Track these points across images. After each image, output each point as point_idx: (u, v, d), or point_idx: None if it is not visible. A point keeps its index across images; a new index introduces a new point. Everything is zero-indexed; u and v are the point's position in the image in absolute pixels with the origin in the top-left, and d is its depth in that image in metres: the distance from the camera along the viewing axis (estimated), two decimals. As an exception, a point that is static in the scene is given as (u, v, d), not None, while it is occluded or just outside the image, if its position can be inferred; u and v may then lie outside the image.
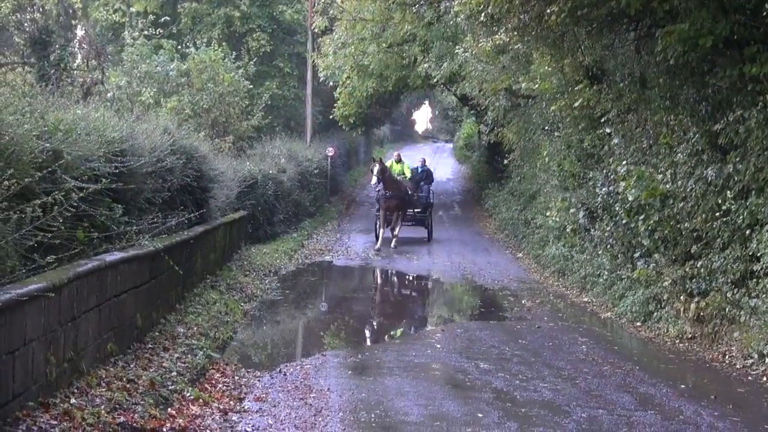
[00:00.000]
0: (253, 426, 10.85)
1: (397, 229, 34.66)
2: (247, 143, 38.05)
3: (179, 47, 41.28)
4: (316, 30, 46.27)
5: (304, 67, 50.43)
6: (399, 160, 37.68)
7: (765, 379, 14.52)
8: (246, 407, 11.86)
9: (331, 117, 48.73)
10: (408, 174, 37.02)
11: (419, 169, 38.65)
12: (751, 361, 15.33)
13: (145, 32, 37.93)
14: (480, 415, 11.62)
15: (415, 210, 37.02)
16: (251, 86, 40.26)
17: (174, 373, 12.85)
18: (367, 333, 18.86)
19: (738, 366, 15.43)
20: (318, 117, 52.24)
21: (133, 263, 13.79)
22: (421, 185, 37.82)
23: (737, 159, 17.63)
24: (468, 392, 13.12)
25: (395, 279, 28.05)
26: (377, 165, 34.16)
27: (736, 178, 17.63)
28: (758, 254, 16.41)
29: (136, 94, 34.02)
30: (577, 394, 12.99)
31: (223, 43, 41.09)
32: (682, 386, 13.87)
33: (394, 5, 37.44)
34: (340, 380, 13.70)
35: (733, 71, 17.94)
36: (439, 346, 16.83)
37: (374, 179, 34.11)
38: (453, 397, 12.77)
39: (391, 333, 18.83)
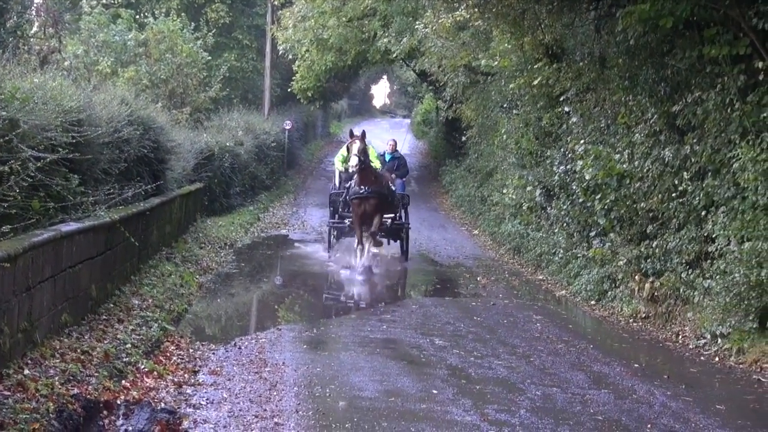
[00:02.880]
0: (207, 399, 10.80)
1: (368, 244, 23.50)
2: (205, 115, 37.82)
3: (137, 17, 40.93)
4: (276, 2, 46.10)
5: (263, 40, 50.12)
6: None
7: (717, 359, 14.62)
8: (200, 380, 11.80)
9: (289, 90, 48.54)
10: (376, 162, 25.11)
11: (388, 156, 27.22)
12: (703, 341, 15.43)
13: (103, 1, 37.56)
14: (435, 391, 11.62)
15: (388, 216, 25.18)
16: (209, 58, 40.04)
17: (128, 345, 12.76)
18: (323, 308, 18.81)
19: (691, 346, 15.53)
20: (276, 90, 51.99)
21: (88, 234, 13.66)
22: (392, 177, 26.27)
23: (694, 140, 17.71)
24: (423, 368, 13.12)
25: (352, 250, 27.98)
26: (357, 143, 23.24)
27: (693, 160, 17.71)
28: (713, 235, 16.51)
29: (93, 64, 33.65)
30: (531, 371, 13.03)
31: (182, 14, 40.81)
32: (636, 365, 13.94)
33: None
34: (296, 354, 13.66)
35: (692, 53, 18.00)
36: (394, 321, 16.82)
37: (352, 163, 23.17)
38: (408, 373, 12.76)
39: (347, 308, 18.78)
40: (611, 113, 21.54)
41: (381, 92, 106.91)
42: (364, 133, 24.09)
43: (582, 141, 21.60)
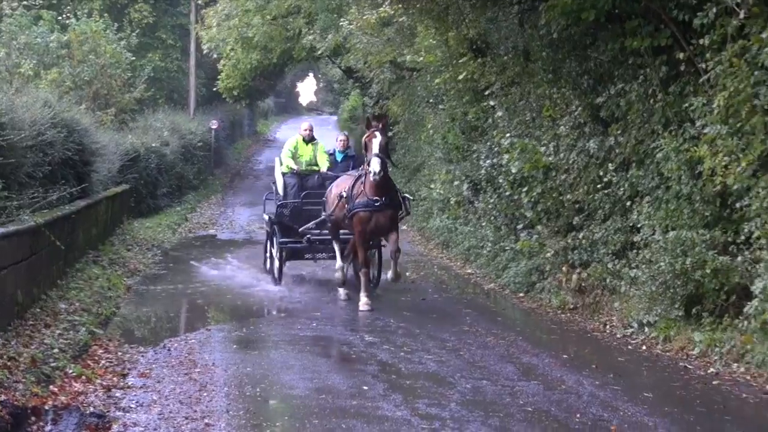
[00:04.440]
0: (137, 402, 10.69)
1: (373, 274, 19.53)
2: (130, 116, 37.42)
3: (60, 18, 40.39)
4: (199, 1, 45.81)
5: (188, 39, 49.84)
6: (311, 139, 21.39)
7: (644, 347, 14.76)
8: (130, 383, 11.68)
9: (214, 89, 48.36)
10: (323, 163, 21.03)
11: (340, 155, 22.00)
12: (630, 330, 15.56)
13: (25, 2, 37.06)
14: (365, 387, 11.60)
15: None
16: (133, 58, 39.61)
17: (56, 350, 12.59)
18: (253, 307, 18.71)
19: (618, 335, 15.66)
20: (202, 89, 51.71)
21: (13, 238, 13.47)
22: None
23: (618, 132, 17.88)
24: (353, 365, 13.11)
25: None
26: (378, 136, 17.84)
27: (617, 151, 17.89)
28: (638, 225, 16.68)
29: (15, 66, 33.19)
30: (461, 365, 13.05)
31: (105, 15, 40.28)
32: (564, 356, 14.03)
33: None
34: (225, 355, 13.58)
35: (614, 45, 18.16)
36: (324, 319, 16.78)
37: (374, 168, 17.45)
38: (338, 370, 12.75)
39: (277, 305, 18.70)
40: (536, 106, 21.68)
41: (307, 90, 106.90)
42: (386, 122, 19.06)
43: (508, 134, 21.72)
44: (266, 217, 22.35)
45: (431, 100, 31.23)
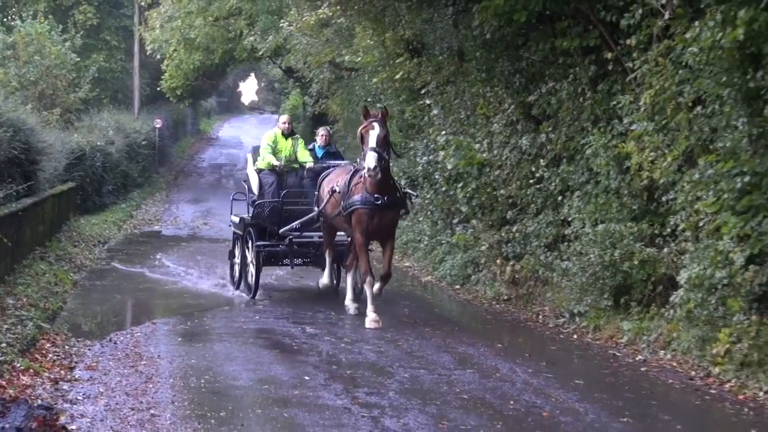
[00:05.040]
0: (84, 394, 10.60)
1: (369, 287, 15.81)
2: (75, 116, 37.13)
3: (5, 20, 39.99)
4: (142, 3, 45.47)
5: (131, 41, 49.42)
6: (290, 133, 19.08)
7: (575, 336, 14.87)
8: (77, 376, 11.57)
9: (158, 89, 48.11)
10: (307, 158, 18.74)
11: (320, 151, 19.68)
12: (562, 320, 15.68)
13: (-31, 5, 36.73)
14: (307, 377, 11.58)
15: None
16: (78, 59, 39.26)
17: (3, 345, 12.41)
18: (197, 300, 18.60)
19: (551, 325, 15.76)
20: (146, 89, 51.34)
21: (-41, 235, 13.32)
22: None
23: (549, 129, 18.00)
24: (295, 356, 13.08)
25: (225, 247, 27.73)
26: (376, 127, 15.82)
27: (548, 147, 18.02)
28: (569, 219, 16.80)
29: (-40, 67, 32.89)
30: (399, 355, 13.07)
31: (50, 16, 39.89)
32: (499, 345, 14.09)
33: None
34: (170, 347, 13.49)
35: (545, 45, 18.29)
36: (267, 311, 16.73)
37: (369, 164, 15.28)
38: (281, 361, 12.71)
39: (221, 299, 18.60)
40: (470, 105, 21.77)
41: (249, 89, 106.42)
42: (386, 112, 16.86)
43: (443, 132, 21.78)
44: (235, 218, 19.74)
45: (369, 99, 31.16)
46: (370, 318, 15.24)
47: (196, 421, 9.42)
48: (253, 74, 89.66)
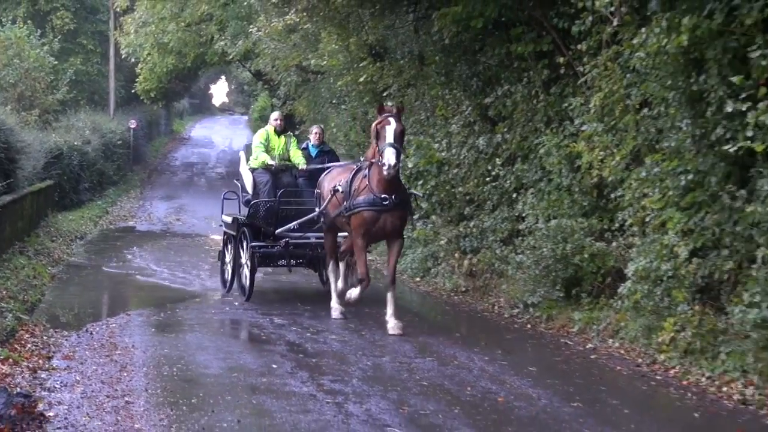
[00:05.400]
0: (61, 382, 10.51)
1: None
2: (53, 116, 36.80)
3: (-15, 26, 39.67)
4: (118, 9, 45.18)
5: (107, 45, 49.07)
6: (283, 131, 17.75)
7: (529, 326, 14.91)
8: (54, 365, 11.47)
9: (133, 91, 47.76)
10: (299, 158, 17.28)
11: (314, 150, 17.84)
12: (517, 310, 15.71)
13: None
14: (274, 366, 11.55)
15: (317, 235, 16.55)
16: (56, 62, 38.97)
17: (-17, 335, 12.34)
18: (170, 293, 18.50)
19: (506, 315, 15.79)
20: (121, 91, 50.97)
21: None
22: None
23: (505, 129, 18.10)
24: (263, 345, 13.04)
25: (196, 242, 27.65)
26: (393, 122, 13.95)
27: (504, 147, 18.10)
28: (523, 215, 16.88)
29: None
30: (362, 344, 13.05)
31: (28, 21, 39.53)
32: (457, 335, 14.10)
33: (192, -14, 36.85)
34: (144, 337, 13.40)
35: (501, 50, 18.36)
36: (236, 303, 16.65)
37: (389, 161, 13.64)
38: (249, 350, 12.68)
39: (193, 293, 18.50)
40: (430, 106, 21.82)
41: (220, 91, 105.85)
42: (401, 108, 15.23)
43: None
44: (227, 219, 18.18)
45: (334, 101, 31.21)
46: (392, 324, 13.81)
47: (168, 408, 9.36)
48: (223, 77, 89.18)
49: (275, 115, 18.08)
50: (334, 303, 15.38)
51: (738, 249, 11.82)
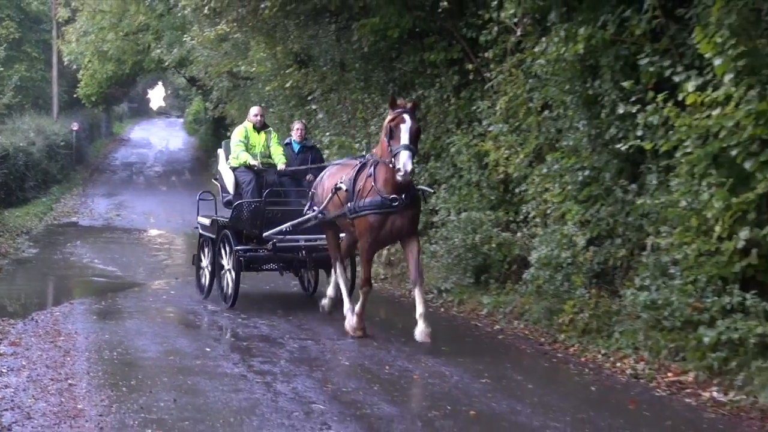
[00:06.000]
0: (8, 367, 10.28)
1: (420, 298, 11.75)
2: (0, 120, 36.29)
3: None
4: (60, 20, 44.59)
5: (51, 53, 48.42)
6: (262, 126, 15.34)
7: (442, 309, 14.96)
8: (2, 351, 11.20)
9: (75, 96, 47.23)
10: (279, 156, 15.01)
11: (297, 146, 15.67)
12: (431, 295, 15.71)
13: None
14: (208, 349, 11.44)
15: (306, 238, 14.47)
16: (2, 69, 38.37)
17: (-66, 325, 12.07)
18: (111, 283, 18.25)
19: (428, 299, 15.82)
20: (64, 96, 50.23)
21: None
22: (308, 179, 14.81)
23: (420, 130, 18.08)
24: (198, 330, 12.93)
25: (135, 236, 27.34)
26: (407, 120, 11.31)
27: (419, 146, 18.05)
28: (437, 208, 16.90)
29: None
30: (290, 328, 12.97)
31: (-25, 31, 38.93)
32: (377, 318, 14.06)
33: (129, -1, 36.45)
34: (86, 324, 13.18)
35: (415, 58, 18.43)
36: (173, 292, 16.50)
37: (405, 166, 11.03)
38: (185, 335, 12.54)
39: (131, 283, 18.27)
40: (351, 109, 21.79)
41: (157, 96, 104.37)
42: (417, 104, 12.86)
43: (328, 133, 21.79)
44: (205, 220, 15.91)
45: (263, 104, 31.03)
46: (421, 330, 11.48)
47: (109, 389, 9.23)
48: (160, 82, 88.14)
49: (255, 110, 15.55)
50: (350, 319, 12.56)
51: (630, 238, 12.00)
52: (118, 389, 9.25)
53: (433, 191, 14.69)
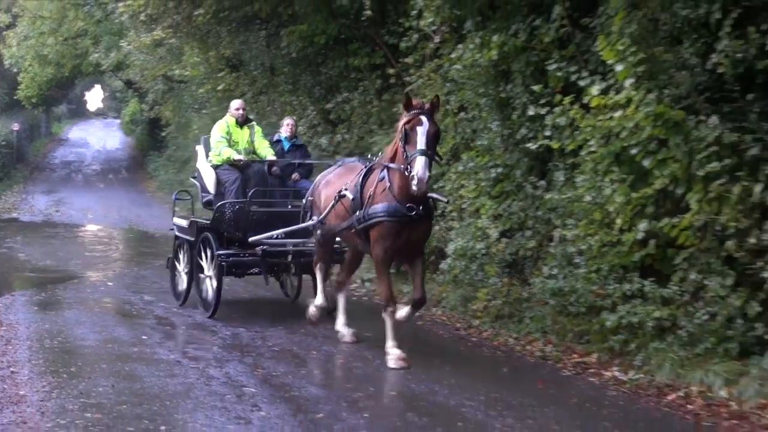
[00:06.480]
0: (-49, 357, 10.07)
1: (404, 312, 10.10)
2: (-59, 123, 35.51)
3: None
4: (1, 24, 43.66)
5: (-9, 56, 47.49)
6: (245, 121, 13.35)
7: (366, 298, 14.95)
8: (-56, 341, 10.99)
9: (15, 97, 46.25)
10: (266, 150, 13.16)
11: (287, 144, 13.87)
12: (356, 284, 15.70)
13: None
14: (145, 337, 11.29)
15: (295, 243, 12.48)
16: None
17: None
18: (51, 275, 17.90)
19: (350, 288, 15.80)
20: (5, 98, 49.14)
21: None
22: (294, 178, 13.36)
23: (344, 130, 18.16)
24: (135, 320, 12.72)
25: (74, 231, 26.89)
26: (425, 122, 9.28)
27: (343, 145, 18.15)
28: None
29: None
30: (221, 316, 12.74)
31: None
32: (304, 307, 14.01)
33: (68, 5, 35.78)
34: (28, 315, 12.89)
35: (340, 63, 18.44)
36: (111, 283, 16.24)
37: (420, 173, 8.98)
38: (122, 324, 12.33)
39: (71, 274, 17.96)
40: (280, 111, 21.70)
41: (94, 97, 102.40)
42: (436, 104, 9.70)
43: (202, 136, 21.77)
44: (181, 221, 13.92)
45: (196, 106, 30.89)
46: (393, 355, 9.87)
47: (50, 376, 9.05)
48: (98, 85, 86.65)
49: (236, 103, 13.64)
50: (341, 326, 11.36)
51: (539, 230, 12.13)
52: (59, 376, 9.08)
53: (446, 200, 11.79)
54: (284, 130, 13.95)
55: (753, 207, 8.92)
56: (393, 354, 9.86)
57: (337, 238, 11.42)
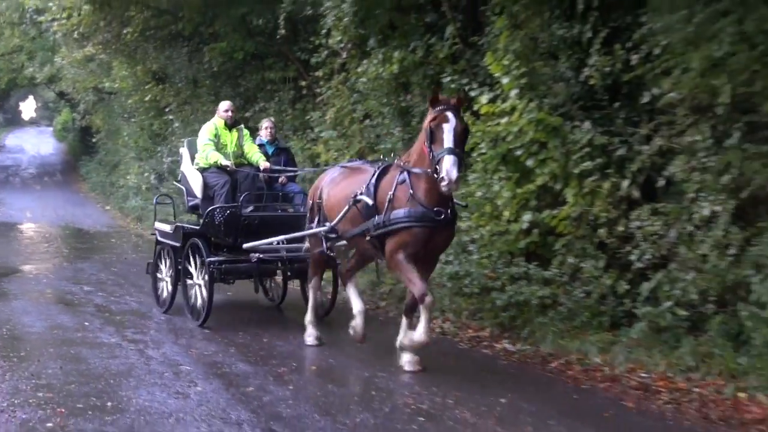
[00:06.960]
0: None
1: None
2: None
3: None
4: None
5: (-69, 69, 45.71)
6: (234, 124, 11.69)
7: (329, 289, 14.86)
8: None
9: (-46, 108, 44.84)
10: (256, 155, 11.37)
11: (270, 148, 12.00)
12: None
13: None
14: (86, 323, 11.07)
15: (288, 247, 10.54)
16: None
17: None
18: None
19: (278, 279, 15.65)
20: (-56, 108, 47.70)
21: None
22: (281, 181, 11.52)
23: (262, 136, 18.01)
24: (76, 308, 12.44)
25: (14, 229, 26.11)
26: (452, 118, 7.67)
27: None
28: (278, 201, 16.84)
29: None
30: (154, 303, 12.59)
31: None
32: (229, 293, 13.87)
33: (5, 23, 34.69)
34: (-23, 306, 12.55)
35: (257, 76, 18.37)
36: (52, 276, 15.83)
37: (449, 172, 7.42)
38: (66, 312, 12.05)
39: (14, 269, 17.45)
40: (203, 119, 21.45)
41: (28, 107, 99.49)
42: (462, 100, 8.14)
43: (183, 140, 21.39)
44: (164, 226, 12.08)
45: (126, 115, 30.30)
46: (407, 359, 8.73)
47: (2, 360, 8.81)
48: (31, 96, 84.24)
49: (225, 105, 11.91)
50: (310, 329, 10.00)
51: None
52: (10, 360, 8.85)
53: (465, 204, 10.15)
54: (264, 134, 12.26)
55: (621, 200, 9.26)
56: (406, 358, 8.69)
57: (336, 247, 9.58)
